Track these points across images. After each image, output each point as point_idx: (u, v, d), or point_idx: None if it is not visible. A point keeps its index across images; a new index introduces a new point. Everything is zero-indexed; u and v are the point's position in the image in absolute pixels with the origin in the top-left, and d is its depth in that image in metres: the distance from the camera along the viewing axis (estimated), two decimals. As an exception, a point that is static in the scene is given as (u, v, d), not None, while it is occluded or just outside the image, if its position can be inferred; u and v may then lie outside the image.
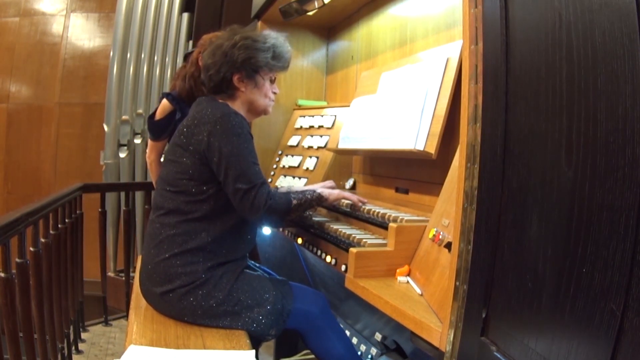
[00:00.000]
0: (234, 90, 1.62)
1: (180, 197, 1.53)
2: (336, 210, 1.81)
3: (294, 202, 1.59)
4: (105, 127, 4.18)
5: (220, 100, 1.63)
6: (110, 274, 4.02)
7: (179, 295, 1.49)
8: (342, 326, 1.71)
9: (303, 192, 1.65)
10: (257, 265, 1.86)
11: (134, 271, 3.19)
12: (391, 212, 1.52)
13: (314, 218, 1.82)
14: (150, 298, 1.57)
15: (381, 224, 1.51)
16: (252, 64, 1.60)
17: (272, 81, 1.70)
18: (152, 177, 2.38)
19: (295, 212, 1.62)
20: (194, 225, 1.52)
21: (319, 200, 1.67)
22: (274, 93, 1.72)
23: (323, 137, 2.32)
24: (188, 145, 1.53)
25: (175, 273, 1.50)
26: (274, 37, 1.67)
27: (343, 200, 1.74)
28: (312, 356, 2.22)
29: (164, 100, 2.20)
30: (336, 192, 1.72)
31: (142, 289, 1.59)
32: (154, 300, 1.55)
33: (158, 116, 2.19)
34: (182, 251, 1.50)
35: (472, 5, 0.94)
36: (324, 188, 1.76)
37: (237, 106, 1.63)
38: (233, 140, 1.49)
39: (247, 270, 1.64)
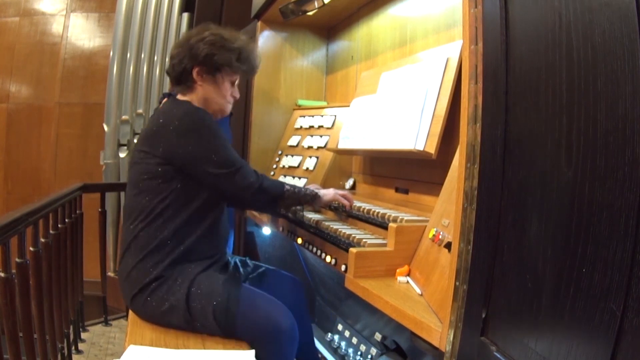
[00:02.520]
0: (192, 83, 1.61)
1: (144, 199, 1.52)
2: (337, 211, 1.81)
3: (287, 187, 1.62)
4: (105, 127, 4.18)
5: (181, 98, 1.63)
6: (110, 274, 4.01)
7: (140, 302, 1.50)
8: (341, 326, 1.70)
9: (297, 185, 1.68)
10: (255, 262, 1.86)
11: (133, 271, 3.19)
12: (391, 212, 1.52)
13: (313, 217, 1.82)
14: (130, 306, 1.59)
15: (381, 224, 1.51)
16: (214, 61, 1.59)
17: (232, 83, 1.68)
18: None
19: (288, 200, 1.64)
20: (156, 224, 1.51)
21: (313, 198, 1.68)
22: (233, 97, 1.70)
23: (323, 137, 2.32)
24: (153, 148, 1.51)
25: (137, 279, 1.51)
26: (244, 41, 1.66)
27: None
28: (318, 355, 2.22)
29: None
30: (332, 193, 1.73)
31: (124, 299, 1.61)
32: (132, 307, 1.57)
33: None
34: (145, 254, 1.50)
35: (472, 5, 0.94)
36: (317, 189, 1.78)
37: (196, 101, 1.62)
38: (202, 132, 1.49)
39: (208, 272, 1.54)
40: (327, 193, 1.73)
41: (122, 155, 4.14)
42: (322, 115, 2.45)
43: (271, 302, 1.52)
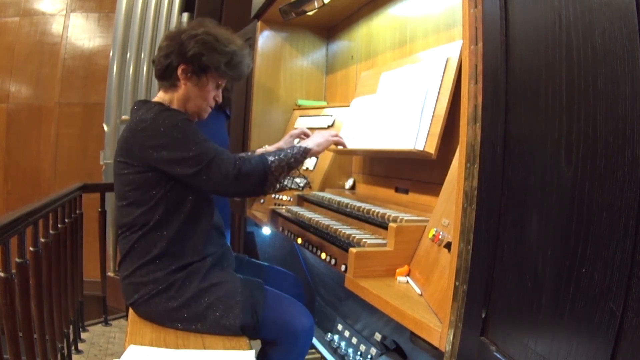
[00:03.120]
0: (176, 81, 1.55)
1: (133, 210, 1.50)
2: (337, 211, 1.81)
3: (271, 158, 1.50)
4: (105, 127, 4.18)
5: (156, 99, 1.59)
6: (110, 273, 4.01)
7: (144, 301, 1.50)
8: (341, 326, 1.70)
9: (281, 150, 1.58)
10: (254, 260, 1.85)
11: (133, 271, 3.19)
12: (391, 212, 1.53)
13: (313, 217, 1.82)
14: (132, 308, 1.59)
15: (381, 224, 1.51)
16: (202, 62, 1.51)
17: (217, 87, 1.61)
18: None
19: (278, 170, 1.52)
20: (152, 235, 1.50)
21: (304, 153, 1.58)
22: (215, 100, 1.62)
23: (323, 137, 2.32)
24: (128, 157, 1.49)
25: (142, 282, 1.50)
26: (238, 45, 1.58)
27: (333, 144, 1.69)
28: (318, 356, 2.23)
29: None
30: (323, 140, 1.64)
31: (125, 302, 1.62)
32: (134, 310, 1.57)
33: None
34: (144, 262, 1.50)
35: (472, 5, 0.94)
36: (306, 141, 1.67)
37: (177, 100, 1.57)
38: (171, 132, 1.43)
39: (218, 270, 1.57)
40: (320, 142, 1.63)
41: (122, 155, 4.14)
42: (322, 115, 2.45)
43: (294, 304, 1.57)
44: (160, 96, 1.61)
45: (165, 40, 1.56)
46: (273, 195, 2.35)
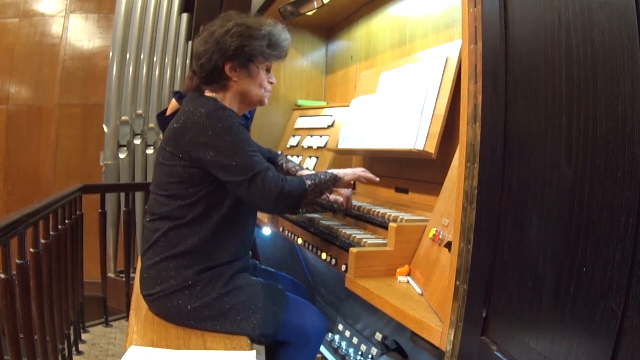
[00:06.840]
0: (226, 81, 1.54)
1: (172, 202, 1.49)
2: (336, 211, 1.81)
3: (308, 182, 1.51)
4: (105, 128, 4.18)
5: (208, 94, 1.57)
6: (111, 274, 4.01)
7: (165, 295, 1.48)
8: (342, 326, 1.70)
9: (316, 174, 1.59)
10: (261, 265, 1.85)
11: (134, 272, 3.19)
12: (391, 212, 1.53)
13: (313, 217, 1.82)
14: (146, 300, 1.57)
15: (381, 224, 1.51)
16: (246, 53, 1.51)
17: (267, 70, 1.60)
18: None
19: (312, 195, 1.53)
20: (185, 230, 1.48)
21: (334, 181, 1.59)
22: (270, 83, 1.62)
23: (323, 137, 2.32)
24: (176, 148, 1.47)
25: (167, 276, 1.48)
26: (271, 25, 1.57)
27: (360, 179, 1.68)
28: (318, 356, 2.22)
29: (173, 99, 2.27)
30: (351, 171, 1.65)
31: (141, 291, 1.59)
32: (149, 302, 1.55)
33: (168, 113, 2.25)
34: (173, 254, 1.48)
35: (472, 5, 0.94)
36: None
37: (230, 97, 1.56)
38: (223, 135, 1.42)
39: (242, 274, 1.57)
40: (347, 173, 1.64)
41: (121, 156, 4.13)
42: (321, 115, 2.45)
43: (310, 308, 1.57)
44: (211, 94, 1.59)
45: (201, 45, 1.54)
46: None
